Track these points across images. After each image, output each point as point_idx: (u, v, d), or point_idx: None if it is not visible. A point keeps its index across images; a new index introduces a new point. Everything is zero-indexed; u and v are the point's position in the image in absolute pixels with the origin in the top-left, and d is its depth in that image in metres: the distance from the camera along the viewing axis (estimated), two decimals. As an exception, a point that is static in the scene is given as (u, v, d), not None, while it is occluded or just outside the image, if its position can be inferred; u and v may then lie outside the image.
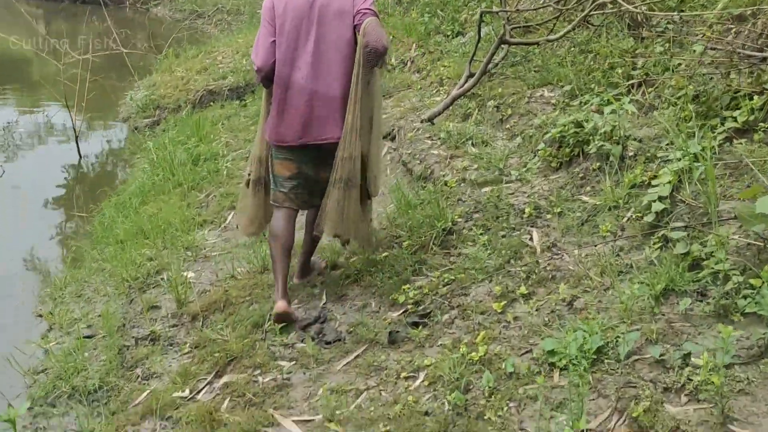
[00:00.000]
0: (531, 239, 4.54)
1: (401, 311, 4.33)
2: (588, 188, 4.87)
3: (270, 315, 4.62)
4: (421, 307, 4.27)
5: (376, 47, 4.34)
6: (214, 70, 11.95)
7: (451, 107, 6.91)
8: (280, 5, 4.53)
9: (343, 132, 4.42)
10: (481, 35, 7.31)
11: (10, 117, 12.16)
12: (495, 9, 7.71)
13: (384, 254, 4.95)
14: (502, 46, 7.00)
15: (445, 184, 5.55)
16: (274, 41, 4.51)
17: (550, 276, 4.11)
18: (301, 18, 4.47)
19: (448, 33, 9.19)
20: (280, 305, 4.45)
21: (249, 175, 4.89)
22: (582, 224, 4.52)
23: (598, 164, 4.94)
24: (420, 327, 4.09)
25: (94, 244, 6.85)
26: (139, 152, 9.50)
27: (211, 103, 10.77)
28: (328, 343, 4.24)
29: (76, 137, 10.21)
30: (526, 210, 4.81)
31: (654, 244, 4.00)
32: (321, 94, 4.45)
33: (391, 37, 9.70)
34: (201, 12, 20.08)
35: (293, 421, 3.66)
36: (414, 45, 9.40)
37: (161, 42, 14.99)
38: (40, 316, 5.85)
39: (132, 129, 11.34)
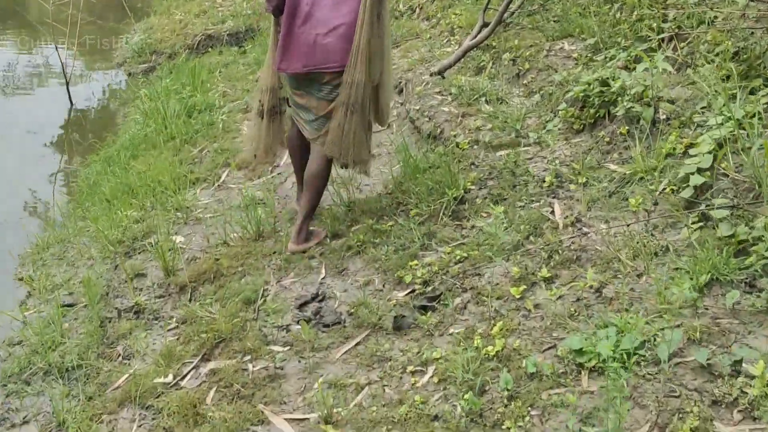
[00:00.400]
0: (552, 212, 4.09)
1: (408, 291, 3.89)
2: (615, 155, 4.42)
3: (263, 290, 4.24)
4: (429, 288, 3.83)
5: None
6: (214, 14, 11.43)
7: (463, 59, 6.42)
8: None
9: (350, 57, 4.36)
10: (497, -19, 6.79)
11: (4, 59, 11.65)
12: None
13: (389, 223, 4.52)
14: (519, -7, 6.50)
15: (457, 146, 5.09)
16: None
17: (575, 257, 3.67)
18: None
19: (460, -22, 8.63)
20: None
21: (262, 105, 4.85)
22: (609, 196, 4.08)
23: (626, 128, 4.47)
24: (429, 312, 3.67)
25: (80, 202, 6.43)
26: (132, 101, 9.02)
27: (209, 49, 10.28)
28: (326, 326, 3.82)
29: (67, 83, 9.72)
30: (547, 178, 4.36)
31: (693, 223, 3.55)
32: (324, 20, 4.40)
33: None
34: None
35: (285, 419, 3.25)
36: (423, -10, 8.85)
37: (162, -19, 14.38)
38: (21, 279, 5.48)
39: (127, 74, 10.86)
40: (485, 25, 6.47)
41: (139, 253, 5.18)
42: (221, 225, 5.09)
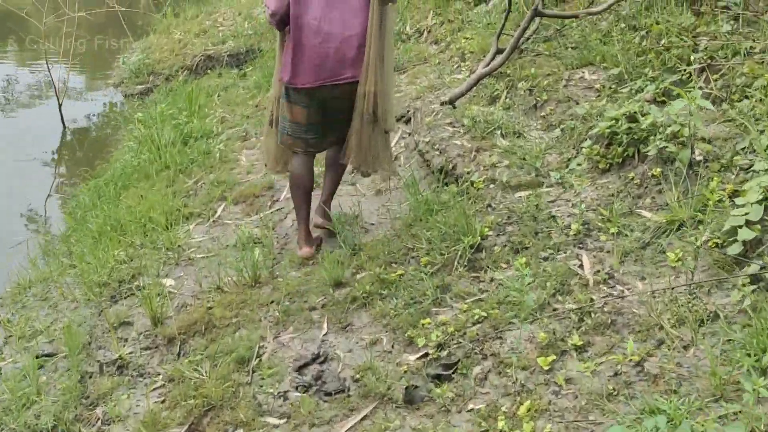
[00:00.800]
0: (581, 266, 3.67)
1: (420, 355, 3.47)
2: (647, 200, 4.01)
3: (258, 347, 3.83)
4: (445, 353, 3.41)
5: None
6: (214, 33, 11.08)
7: (475, 88, 6.02)
8: None
9: (363, 67, 4.42)
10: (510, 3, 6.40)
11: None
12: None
13: (398, 272, 4.11)
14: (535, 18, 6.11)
15: (471, 185, 4.68)
16: None
17: (609, 321, 3.25)
18: None
19: (470, -1, 8.24)
20: (305, 251, 4.68)
21: (272, 115, 4.85)
22: (643, 248, 3.67)
23: (659, 169, 4.07)
24: (444, 382, 3.24)
25: (65, 237, 6.02)
26: (126, 125, 8.64)
27: (209, 71, 9.93)
28: (328, 394, 3.39)
29: (60, 105, 9.35)
30: (573, 226, 3.95)
31: (744, 285, 3.14)
32: (334, 34, 4.41)
33: (405, 2, 8.80)
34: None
35: None
36: (431, 12, 8.47)
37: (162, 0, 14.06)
38: (-2, 323, 5.08)
39: (123, 96, 10.50)
40: (499, 51, 6.09)
41: (126, 297, 4.78)
42: (215, 267, 4.69)
